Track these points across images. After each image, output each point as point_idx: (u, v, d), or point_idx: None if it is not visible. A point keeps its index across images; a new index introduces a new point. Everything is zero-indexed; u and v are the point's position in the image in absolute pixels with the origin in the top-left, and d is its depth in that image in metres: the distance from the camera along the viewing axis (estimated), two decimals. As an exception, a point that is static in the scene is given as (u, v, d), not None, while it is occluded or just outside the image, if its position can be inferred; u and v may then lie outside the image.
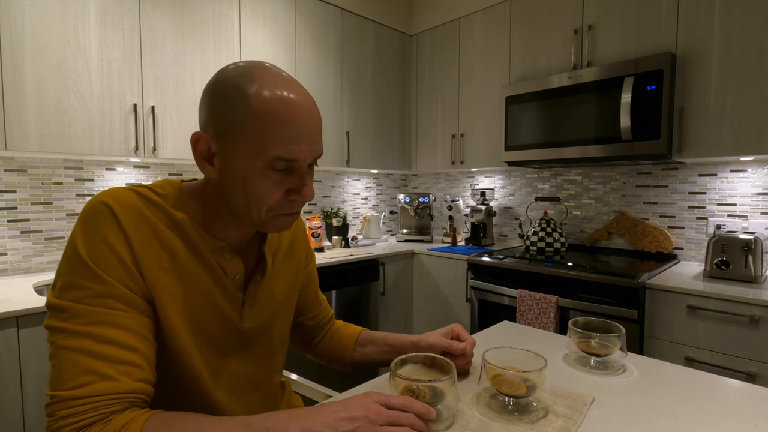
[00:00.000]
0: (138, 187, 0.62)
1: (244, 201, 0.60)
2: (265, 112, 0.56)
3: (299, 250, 0.82)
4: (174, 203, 0.63)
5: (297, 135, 0.57)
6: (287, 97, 0.57)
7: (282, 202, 0.61)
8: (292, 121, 0.57)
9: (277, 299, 0.75)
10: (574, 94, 1.97)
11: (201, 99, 0.61)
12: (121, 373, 0.52)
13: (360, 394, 0.56)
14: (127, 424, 0.49)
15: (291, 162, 0.58)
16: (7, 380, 1.22)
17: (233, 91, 0.57)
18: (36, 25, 1.46)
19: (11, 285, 1.53)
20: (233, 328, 0.68)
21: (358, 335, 0.90)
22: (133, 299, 0.56)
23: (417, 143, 2.91)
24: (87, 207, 0.58)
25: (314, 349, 0.92)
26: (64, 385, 0.50)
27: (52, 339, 0.53)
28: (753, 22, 1.58)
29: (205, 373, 0.64)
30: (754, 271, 1.57)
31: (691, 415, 0.66)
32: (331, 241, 2.62)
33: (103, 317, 0.53)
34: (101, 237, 0.56)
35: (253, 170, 0.58)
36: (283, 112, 0.56)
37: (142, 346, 0.55)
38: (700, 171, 1.99)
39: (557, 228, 2.24)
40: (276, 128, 0.56)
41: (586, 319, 0.87)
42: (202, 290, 0.63)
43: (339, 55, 2.47)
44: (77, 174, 1.84)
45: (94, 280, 0.54)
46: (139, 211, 0.59)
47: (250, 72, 0.58)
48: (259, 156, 0.57)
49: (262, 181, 0.58)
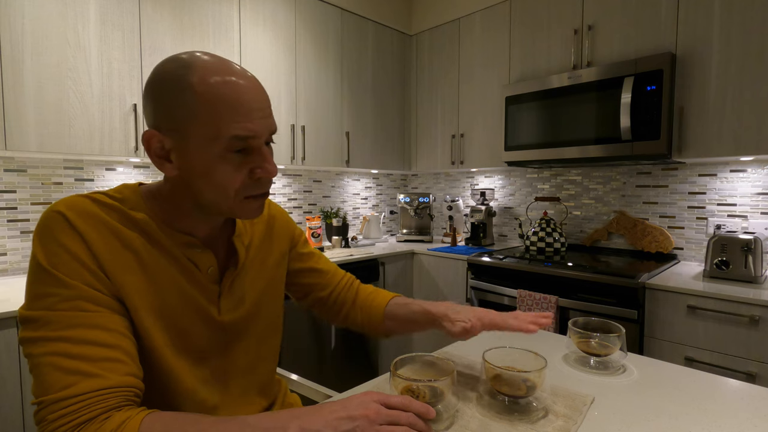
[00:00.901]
0: (93, 194, 0.61)
1: (210, 191, 0.60)
2: (213, 96, 0.56)
3: (279, 236, 0.82)
4: (132, 205, 0.62)
5: (248, 111, 0.58)
6: (230, 79, 0.58)
7: (248, 183, 0.61)
8: (242, 100, 0.57)
9: (258, 288, 0.75)
10: (574, 94, 1.97)
11: (144, 98, 0.61)
12: (104, 369, 0.51)
13: (359, 393, 0.56)
14: (124, 422, 0.49)
15: (248, 139, 0.58)
16: (7, 380, 1.22)
17: (176, 83, 0.57)
18: (36, 25, 1.46)
19: (11, 285, 1.53)
20: (212, 321, 0.67)
21: (385, 307, 0.88)
22: (103, 299, 0.56)
23: (417, 143, 2.91)
24: (42, 218, 0.57)
25: (346, 320, 0.92)
26: (50, 390, 0.49)
27: (29, 350, 0.52)
28: (753, 22, 1.58)
29: (182, 369, 0.64)
30: (754, 271, 1.57)
31: (691, 415, 0.67)
32: (331, 241, 2.62)
33: (75, 320, 0.53)
34: (58, 243, 0.55)
35: (212, 157, 0.58)
36: (231, 93, 0.57)
37: (121, 342, 0.55)
38: (700, 171, 1.99)
39: (557, 228, 2.24)
40: (227, 109, 0.57)
41: (586, 319, 0.87)
42: (173, 287, 0.63)
43: (339, 55, 2.47)
44: (77, 174, 1.84)
45: (59, 285, 0.54)
46: (95, 215, 0.58)
47: (188, 62, 0.58)
48: (215, 140, 0.57)
49: (223, 166, 0.58)
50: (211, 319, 0.67)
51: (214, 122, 0.57)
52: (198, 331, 0.66)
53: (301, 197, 2.68)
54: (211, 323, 0.68)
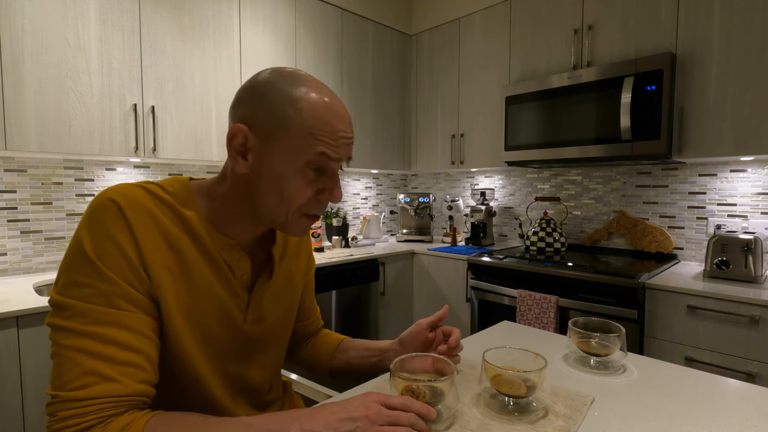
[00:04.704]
0: (146, 184, 0.61)
1: (275, 199, 0.61)
2: (312, 114, 0.59)
3: (303, 255, 0.83)
4: (183, 201, 0.62)
5: (338, 136, 0.61)
6: (330, 102, 0.61)
7: (312, 202, 0.63)
8: (335, 123, 0.60)
9: (281, 303, 0.75)
10: (574, 94, 1.97)
11: (239, 98, 0.62)
12: (123, 375, 0.52)
13: (360, 394, 0.56)
14: (127, 425, 0.49)
15: (330, 161, 0.61)
16: (7, 380, 1.22)
17: (279, 93, 0.59)
18: (36, 25, 1.46)
19: (11, 285, 1.53)
20: (237, 329, 0.67)
21: (339, 342, 0.90)
22: (138, 299, 0.56)
23: (417, 143, 2.91)
24: (94, 203, 0.57)
25: (296, 356, 0.92)
26: (66, 385, 0.50)
27: (55, 337, 0.52)
28: (753, 22, 1.58)
29: (206, 374, 0.64)
30: (754, 271, 1.57)
31: (691, 415, 0.66)
32: (331, 241, 2.62)
33: (107, 317, 0.53)
34: (108, 235, 0.55)
35: (291, 168, 0.59)
36: (328, 115, 0.60)
37: (146, 346, 0.55)
38: (700, 171, 1.99)
39: (557, 228, 2.24)
40: (321, 129, 0.59)
41: (586, 319, 0.87)
42: (207, 291, 0.63)
43: (339, 55, 2.47)
44: (77, 174, 1.84)
45: (100, 278, 0.53)
46: (147, 209, 0.58)
47: (293, 78, 0.61)
48: (301, 154, 0.59)
49: (298, 179, 0.60)
50: (236, 327, 0.67)
51: (306, 137, 0.59)
52: (223, 337, 0.66)
53: (301, 197, 2.68)
54: (236, 331, 0.67)
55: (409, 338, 0.81)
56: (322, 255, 2.29)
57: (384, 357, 0.83)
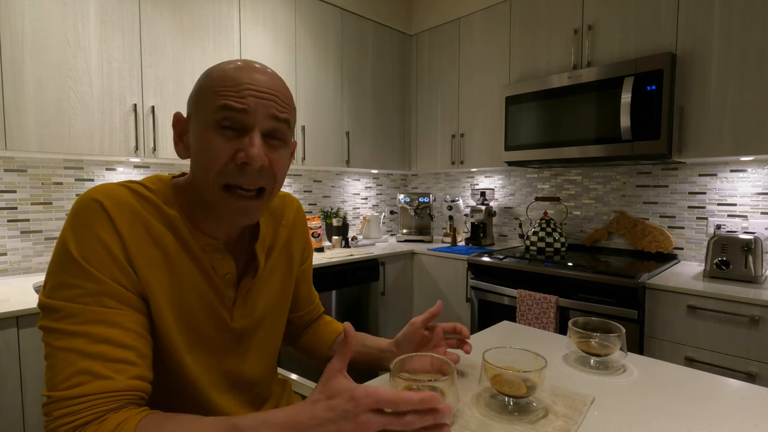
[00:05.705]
0: (129, 183, 0.61)
1: (198, 171, 0.60)
2: (219, 75, 0.59)
3: (296, 246, 0.81)
4: (165, 199, 0.62)
5: (243, 87, 0.58)
6: (243, 63, 0.61)
7: (231, 168, 0.58)
8: (240, 78, 0.59)
9: (270, 298, 0.75)
10: (574, 94, 1.97)
11: None
12: (115, 371, 0.52)
13: (347, 394, 0.48)
14: (121, 423, 0.49)
15: (237, 114, 0.57)
16: (7, 380, 1.22)
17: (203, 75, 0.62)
18: (36, 25, 1.46)
19: (11, 285, 1.53)
20: (225, 326, 0.67)
21: (339, 333, 0.89)
22: (127, 296, 0.56)
23: (417, 143, 2.91)
24: (77, 204, 0.57)
25: (296, 343, 0.92)
26: (59, 385, 0.50)
27: (47, 339, 0.52)
28: (753, 22, 1.58)
29: (196, 370, 0.64)
30: (754, 271, 1.57)
31: (691, 415, 0.66)
32: (331, 241, 2.62)
33: (97, 316, 0.53)
34: (93, 234, 0.55)
35: (204, 132, 0.59)
36: (234, 72, 0.59)
37: (138, 343, 0.55)
38: (700, 171, 1.99)
39: (557, 228, 2.24)
40: (224, 84, 0.58)
41: (586, 319, 0.87)
42: (193, 288, 0.63)
43: (339, 55, 2.47)
44: (77, 174, 1.84)
45: (87, 278, 0.53)
46: (131, 207, 0.58)
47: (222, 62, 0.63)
48: (209, 114, 0.59)
49: (210, 138, 0.58)
50: (225, 325, 0.67)
51: (212, 96, 0.59)
52: (210, 333, 0.66)
53: (301, 197, 2.68)
54: (224, 329, 0.67)
55: (405, 339, 0.81)
56: (322, 255, 2.29)
57: (381, 357, 0.83)
